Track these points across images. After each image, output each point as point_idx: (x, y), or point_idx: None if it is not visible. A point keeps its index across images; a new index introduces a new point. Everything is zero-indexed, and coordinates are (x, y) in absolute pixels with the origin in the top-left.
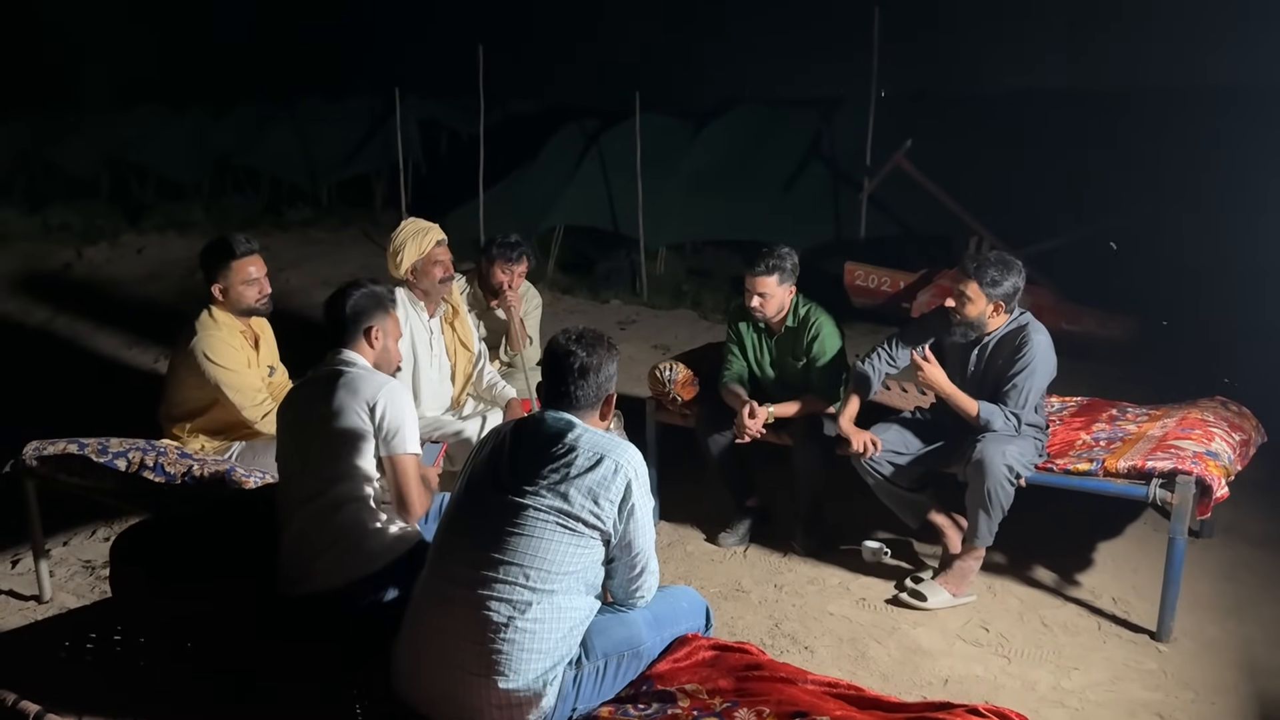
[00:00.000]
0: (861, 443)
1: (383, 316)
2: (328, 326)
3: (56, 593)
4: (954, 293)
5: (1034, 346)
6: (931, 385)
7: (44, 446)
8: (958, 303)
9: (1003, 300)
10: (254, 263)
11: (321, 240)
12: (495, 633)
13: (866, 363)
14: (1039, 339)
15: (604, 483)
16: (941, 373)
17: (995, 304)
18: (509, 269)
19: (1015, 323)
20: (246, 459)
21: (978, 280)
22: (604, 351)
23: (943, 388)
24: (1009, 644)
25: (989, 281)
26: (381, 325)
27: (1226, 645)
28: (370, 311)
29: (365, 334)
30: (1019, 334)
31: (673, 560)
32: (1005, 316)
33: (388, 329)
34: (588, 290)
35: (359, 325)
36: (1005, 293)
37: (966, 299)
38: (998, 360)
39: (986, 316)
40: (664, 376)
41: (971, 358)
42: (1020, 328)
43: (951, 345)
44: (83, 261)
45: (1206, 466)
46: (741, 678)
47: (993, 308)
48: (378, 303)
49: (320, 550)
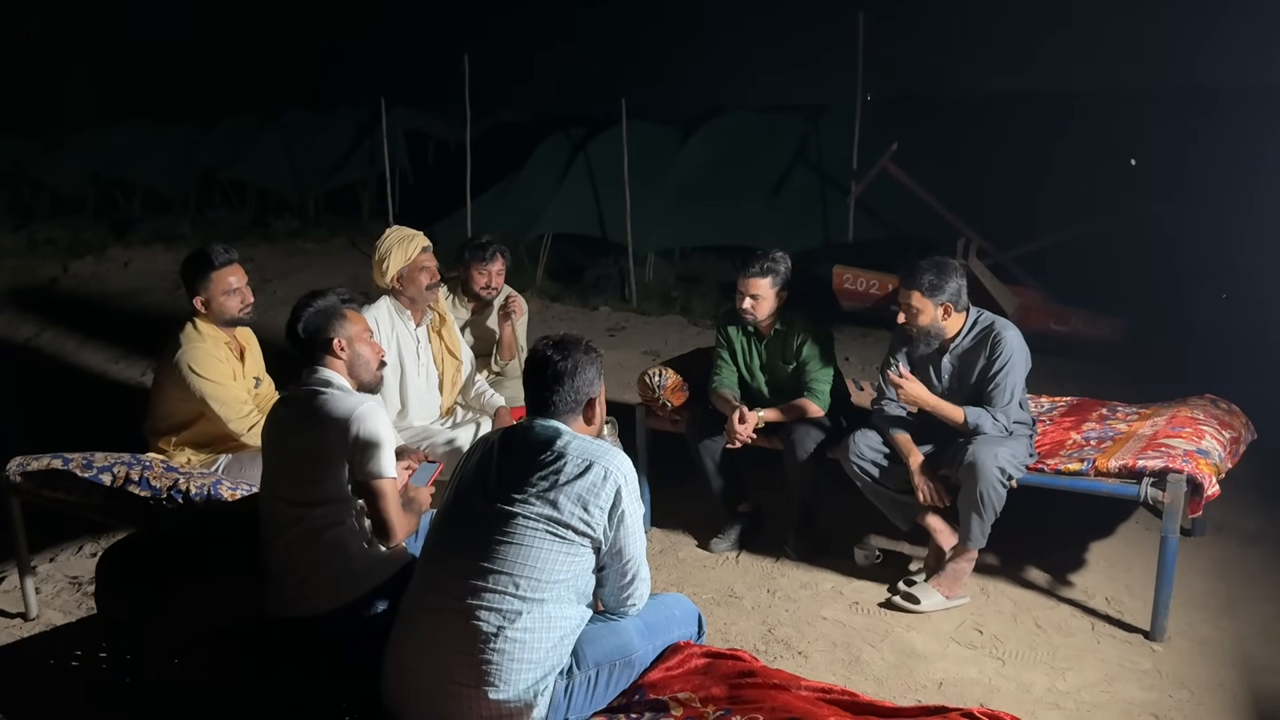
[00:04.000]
0: (927, 493)
1: (340, 324)
2: (294, 348)
3: (43, 609)
4: (903, 307)
5: (1006, 343)
6: (914, 401)
7: (28, 462)
8: (908, 316)
9: (950, 302)
10: (234, 272)
11: (309, 251)
12: (485, 643)
13: (884, 403)
14: (1009, 335)
15: (593, 489)
16: (921, 387)
17: (943, 306)
18: (484, 269)
19: (980, 324)
20: (233, 471)
21: (918, 289)
22: (580, 355)
23: (926, 401)
24: (1003, 646)
25: (928, 287)
26: (341, 334)
27: (1220, 643)
28: (324, 327)
29: (327, 347)
30: (989, 334)
31: (665, 567)
32: (961, 316)
33: (350, 334)
34: (577, 297)
35: (319, 341)
36: (951, 294)
37: (915, 310)
38: (972, 363)
39: (940, 321)
40: (653, 382)
41: (944, 364)
42: (987, 327)
43: (921, 358)
44: (68, 276)
45: (1197, 465)
46: (735, 685)
47: (942, 311)
48: (329, 314)
49: (308, 574)
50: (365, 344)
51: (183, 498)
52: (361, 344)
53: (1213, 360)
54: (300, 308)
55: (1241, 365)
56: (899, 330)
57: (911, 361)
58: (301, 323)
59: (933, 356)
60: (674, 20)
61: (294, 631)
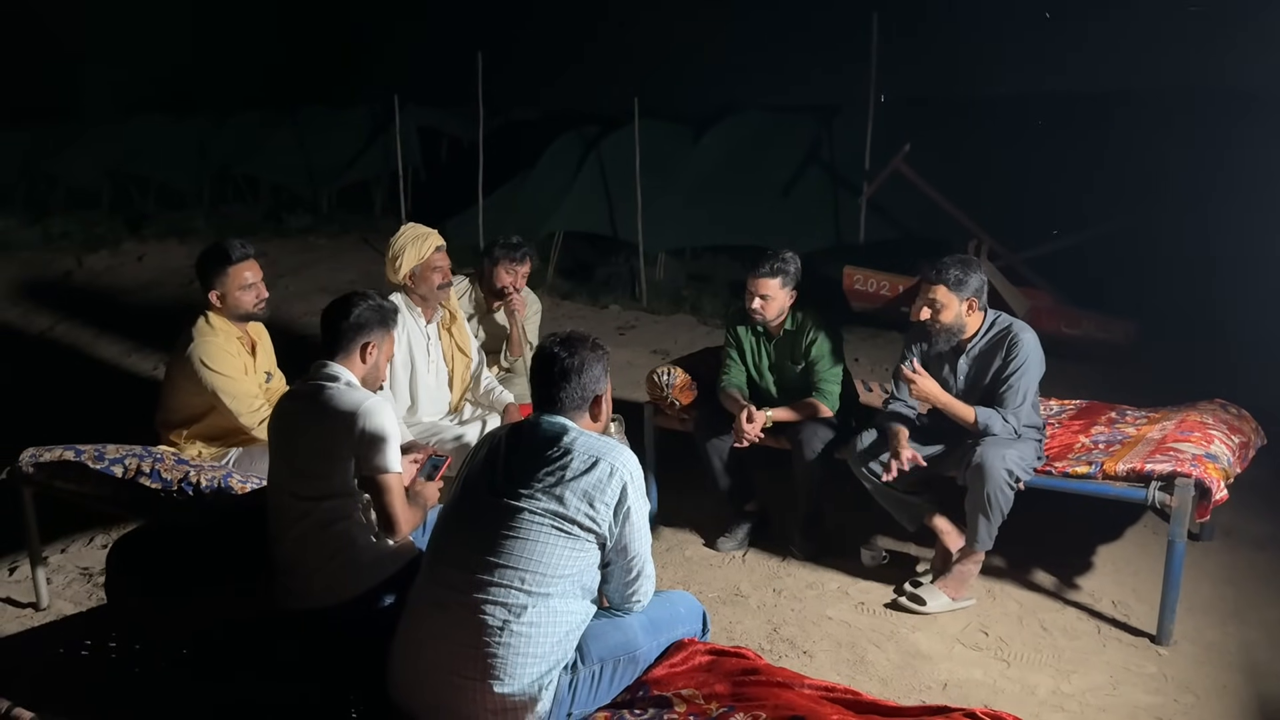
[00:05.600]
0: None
1: (382, 333)
2: (323, 333)
3: (54, 600)
4: (926, 303)
5: (1024, 345)
6: (926, 398)
7: (40, 453)
8: (931, 310)
9: (974, 296)
10: (250, 268)
11: (321, 247)
12: (490, 637)
13: (894, 403)
14: (1026, 337)
15: (599, 485)
16: (934, 384)
17: (968, 301)
18: (513, 269)
19: (997, 325)
20: (243, 465)
21: (944, 283)
22: (587, 352)
23: (937, 398)
24: (1008, 648)
25: (954, 282)
26: (379, 342)
27: (1227, 648)
28: (371, 327)
29: (361, 349)
30: (1006, 334)
31: (671, 565)
32: (980, 314)
33: (383, 347)
34: (587, 296)
35: (358, 338)
36: (975, 289)
37: (939, 305)
38: (988, 363)
39: (964, 317)
40: (662, 381)
41: (960, 364)
42: (1005, 328)
43: (937, 356)
44: (83, 269)
45: (1205, 469)
46: (738, 682)
47: (966, 306)
48: (381, 319)
49: (316, 567)
50: (386, 360)
51: (193, 490)
52: (384, 360)
53: (1229, 363)
54: (359, 297)
55: (1256, 368)
56: (915, 327)
57: (927, 360)
58: (356, 311)
59: (949, 356)
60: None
61: (301, 624)
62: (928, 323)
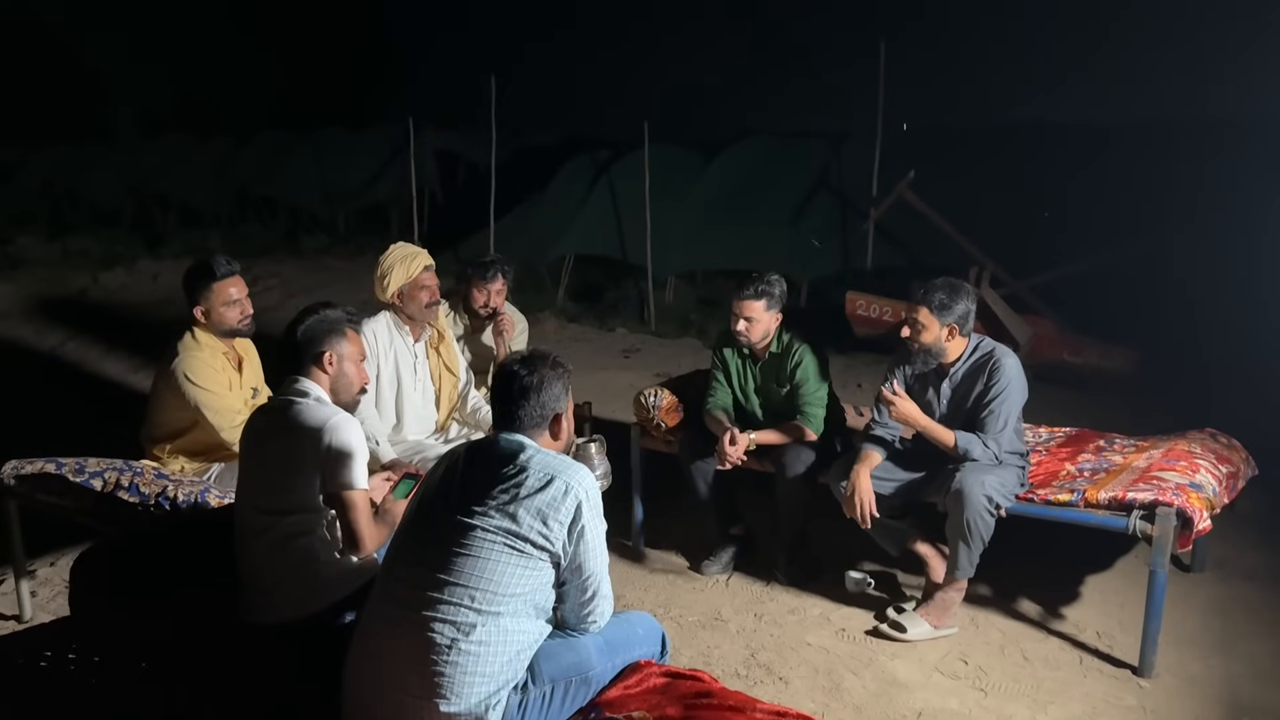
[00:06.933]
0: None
1: (337, 340)
2: (287, 353)
3: (37, 613)
4: (908, 321)
5: (1005, 370)
6: (905, 420)
7: (22, 465)
8: (912, 330)
9: (956, 324)
10: (235, 284)
11: (335, 267)
12: (438, 655)
13: (874, 427)
14: (1008, 363)
15: (554, 504)
16: (914, 406)
17: (949, 328)
18: (485, 288)
19: (980, 350)
20: (225, 481)
21: (927, 305)
22: (546, 370)
23: (917, 421)
24: (987, 677)
25: (938, 305)
26: (335, 349)
27: (1210, 681)
28: (321, 337)
29: (317, 359)
30: (988, 360)
31: (654, 588)
32: (963, 341)
33: (344, 352)
34: (595, 319)
35: (310, 351)
36: (958, 315)
37: (920, 325)
38: (970, 388)
39: (943, 342)
40: (648, 402)
41: (944, 388)
42: (988, 354)
43: (921, 379)
44: (97, 286)
45: (1188, 498)
46: (690, 705)
47: (947, 332)
48: (329, 327)
49: (277, 582)
50: (354, 366)
51: (170, 505)
52: (351, 365)
53: (1229, 392)
54: (306, 313)
55: (1257, 398)
56: (900, 350)
57: (910, 384)
58: (302, 327)
59: (933, 380)
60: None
61: (262, 638)
62: (908, 341)
